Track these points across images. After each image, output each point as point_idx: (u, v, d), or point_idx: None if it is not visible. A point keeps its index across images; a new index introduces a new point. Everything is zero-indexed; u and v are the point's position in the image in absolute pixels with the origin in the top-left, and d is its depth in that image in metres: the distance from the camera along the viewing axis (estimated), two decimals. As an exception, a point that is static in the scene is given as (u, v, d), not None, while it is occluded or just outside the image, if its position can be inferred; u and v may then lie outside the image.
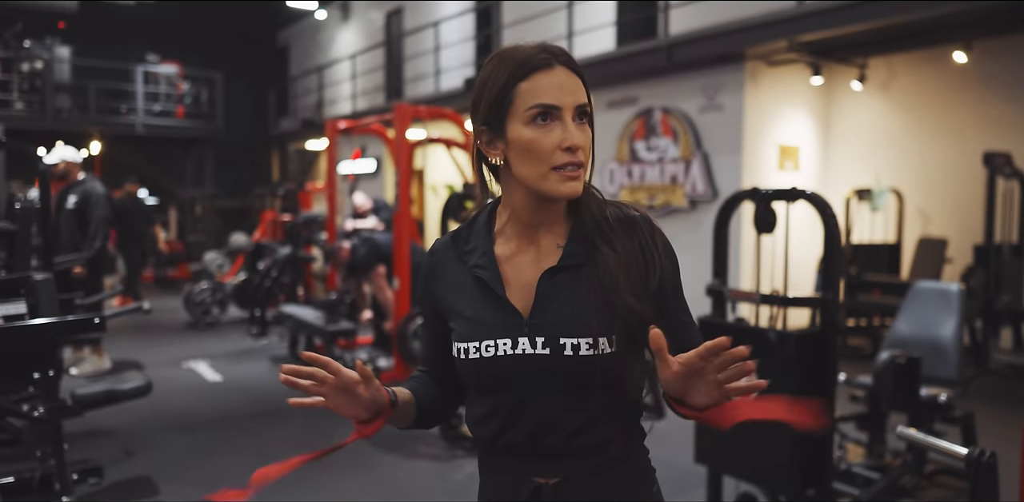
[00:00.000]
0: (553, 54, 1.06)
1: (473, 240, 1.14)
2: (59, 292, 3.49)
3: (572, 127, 1.04)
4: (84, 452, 3.74)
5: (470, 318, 1.09)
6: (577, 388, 1.04)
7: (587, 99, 1.07)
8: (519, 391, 1.07)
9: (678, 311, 1.11)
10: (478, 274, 1.10)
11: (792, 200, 2.79)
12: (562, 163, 1.03)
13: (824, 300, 2.67)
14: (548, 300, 1.06)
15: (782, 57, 6.62)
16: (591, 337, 1.03)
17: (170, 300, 9.03)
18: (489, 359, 1.06)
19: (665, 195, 7.27)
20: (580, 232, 1.09)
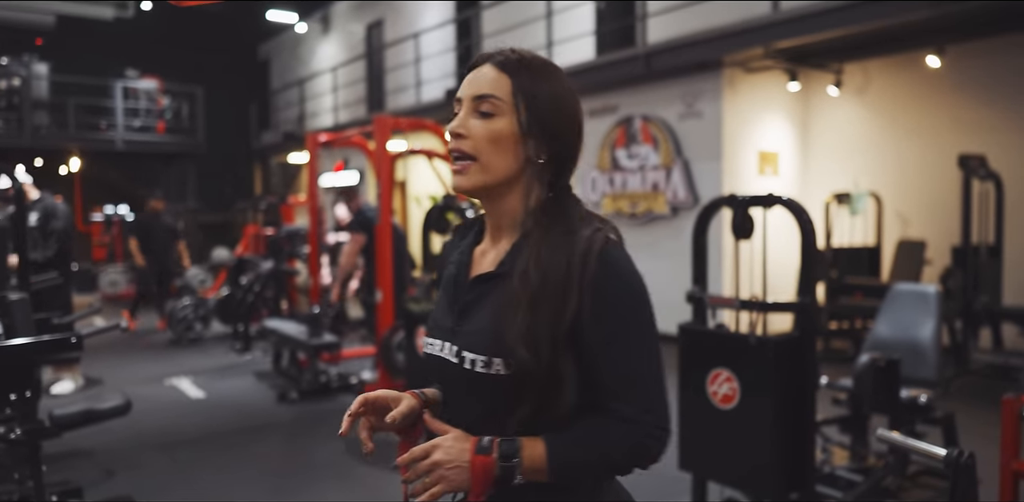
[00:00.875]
0: (490, 54, 1.07)
1: (467, 236, 1.16)
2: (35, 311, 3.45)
3: (462, 115, 1.05)
4: (63, 473, 3.68)
5: (432, 314, 1.15)
6: (486, 403, 1.03)
7: (500, 92, 1.03)
8: (448, 393, 1.11)
9: (603, 356, 0.99)
10: (448, 271, 1.13)
11: (769, 206, 2.81)
12: (450, 151, 1.06)
13: (802, 305, 2.68)
14: (471, 308, 1.06)
15: (759, 64, 6.68)
16: (487, 356, 1.00)
17: (151, 317, 8.94)
18: (430, 357, 1.10)
19: (647, 202, 7.30)
20: (523, 241, 1.05)
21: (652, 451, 1.02)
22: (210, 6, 14.42)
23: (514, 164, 1.04)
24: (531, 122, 1.03)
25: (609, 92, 7.74)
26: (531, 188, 1.06)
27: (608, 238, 1.02)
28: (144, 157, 13.64)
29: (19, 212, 3.88)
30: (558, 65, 1.10)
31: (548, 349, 0.97)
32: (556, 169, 1.07)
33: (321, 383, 5.27)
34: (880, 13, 5.35)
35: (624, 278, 1.00)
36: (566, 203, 1.07)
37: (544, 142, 1.04)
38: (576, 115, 1.08)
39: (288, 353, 5.74)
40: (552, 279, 0.98)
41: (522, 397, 0.98)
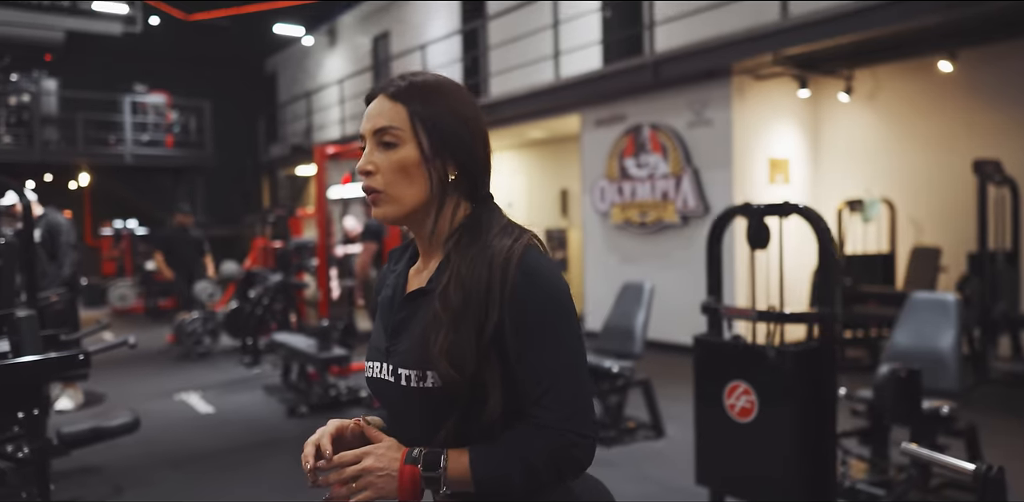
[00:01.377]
0: (382, 85, 1.10)
1: (402, 259, 1.19)
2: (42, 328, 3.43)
3: (367, 152, 1.08)
4: (72, 491, 3.65)
5: (370, 338, 1.17)
6: (426, 416, 1.05)
7: (397, 122, 1.06)
8: (389, 411, 1.13)
9: (523, 364, 1.00)
10: (384, 293, 1.16)
11: (785, 215, 2.76)
12: (363, 188, 1.09)
13: (822, 315, 2.63)
14: (403, 326, 1.09)
15: (768, 71, 6.65)
16: (420, 369, 1.02)
17: (161, 330, 8.93)
18: (369, 380, 1.13)
19: (656, 211, 7.25)
20: (449, 257, 1.07)
21: (576, 458, 1.01)
22: (217, 20, 14.53)
23: (425, 188, 1.06)
24: (432, 144, 1.05)
25: (617, 101, 7.71)
26: (449, 205, 1.08)
27: (527, 247, 1.03)
28: (153, 171, 13.70)
29: (27, 229, 3.87)
30: (453, 80, 1.12)
31: (471, 362, 0.99)
32: (470, 182, 1.09)
33: (331, 397, 5.22)
34: (890, 18, 5.31)
35: (542, 286, 1.01)
36: (486, 215, 1.09)
37: (451, 159, 1.06)
38: (478, 127, 1.09)
39: (297, 367, 5.70)
40: (473, 294, 1.00)
41: (450, 409, 1.01)
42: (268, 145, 15.96)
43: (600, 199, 7.89)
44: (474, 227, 1.07)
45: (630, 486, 3.53)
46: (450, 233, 1.08)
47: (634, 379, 4.25)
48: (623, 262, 7.70)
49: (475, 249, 1.04)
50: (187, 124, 13.73)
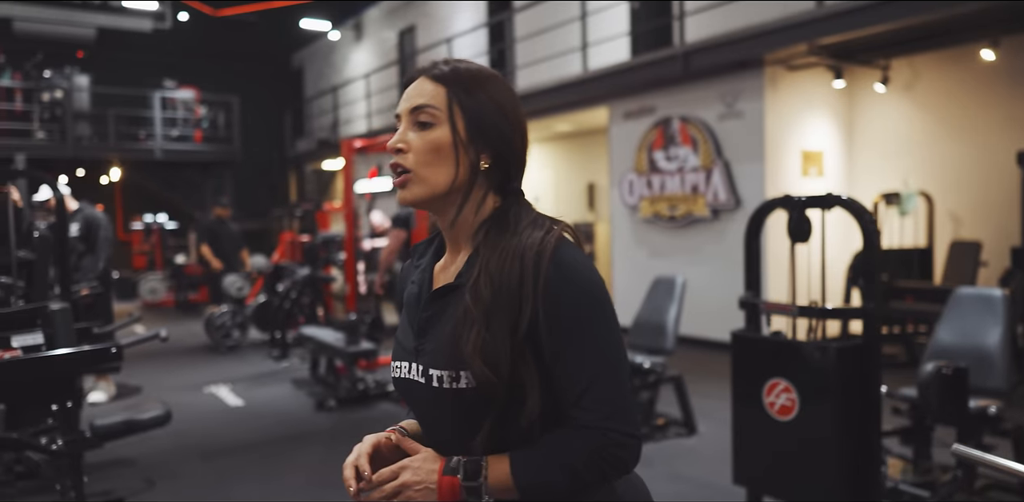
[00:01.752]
0: (424, 67, 1.07)
1: (426, 254, 1.14)
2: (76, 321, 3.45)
3: (400, 130, 1.05)
4: (105, 483, 3.67)
5: (396, 336, 1.12)
6: (459, 418, 1.00)
7: (435, 102, 1.03)
8: (418, 413, 1.09)
9: (560, 363, 0.96)
10: (409, 290, 1.12)
11: (828, 207, 2.67)
12: (391, 166, 1.05)
13: (866, 311, 2.54)
14: (431, 323, 1.04)
15: (802, 61, 6.50)
16: (453, 370, 0.98)
17: (191, 324, 9.01)
18: (396, 380, 1.09)
19: (686, 205, 7.14)
20: (478, 250, 1.03)
21: (621, 458, 0.98)
22: (245, 16, 14.61)
23: (455, 173, 1.02)
24: (469, 128, 1.02)
25: (645, 93, 7.60)
26: (479, 196, 1.05)
27: (560, 239, 0.99)
28: (182, 166, 13.83)
29: (60, 222, 3.90)
30: (497, 72, 1.09)
31: (506, 361, 0.95)
32: (502, 174, 1.06)
33: (359, 391, 5.22)
34: (929, 6, 5.15)
35: (577, 281, 0.97)
36: (516, 208, 1.05)
37: (485, 148, 1.03)
38: (517, 120, 1.06)
39: (325, 360, 5.71)
40: (504, 289, 0.96)
41: (486, 411, 0.97)
42: (295, 139, 16.04)
43: (628, 193, 7.79)
44: (503, 220, 1.03)
45: (664, 484, 3.47)
46: (478, 226, 1.04)
47: (666, 375, 4.18)
48: (652, 256, 7.61)
49: (505, 242, 1.00)
50: (215, 119, 13.84)
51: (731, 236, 6.59)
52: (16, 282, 3.98)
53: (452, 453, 1.01)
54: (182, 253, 12.90)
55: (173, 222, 13.58)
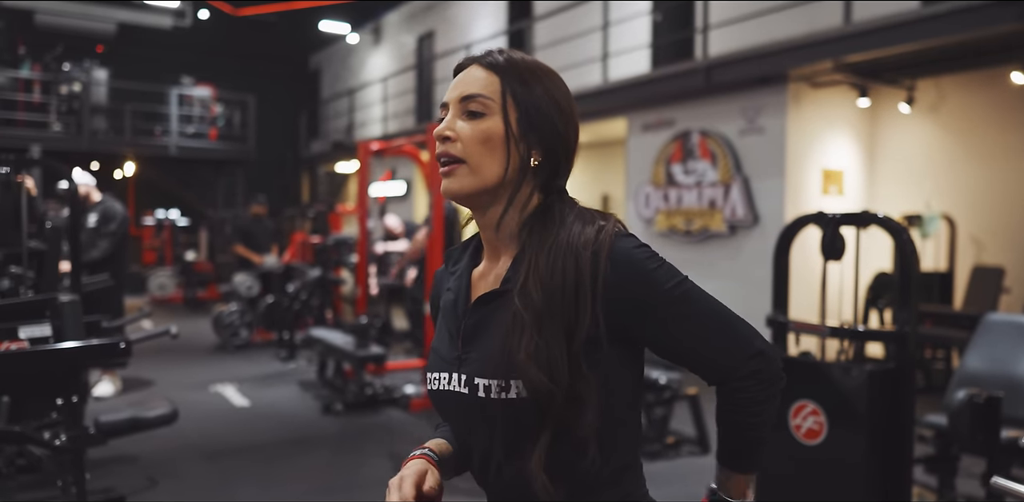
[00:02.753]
0: (476, 56, 1.02)
1: (461, 260, 1.08)
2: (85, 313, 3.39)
3: (449, 118, 0.99)
4: (106, 480, 3.60)
5: (432, 346, 1.07)
6: (509, 431, 0.94)
7: (488, 91, 0.97)
8: (459, 426, 1.03)
9: (681, 340, 0.95)
10: (446, 298, 1.05)
11: (863, 225, 2.60)
12: (437, 155, 0.99)
13: (901, 334, 2.46)
14: (476, 331, 0.99)
15: (827, 78, 6.43)
16: (503, 379, 0.92)
17: (199, 321, 8.96)
18: (434, 392, 1.03)
19: (703, 220, 7.07)
20: (523, 252, 0.97)
21: (776, 379, 0.97)
22: (265, 16, 14.65)
23: (505, 166, 0.97)
24: (522, 122, 0.97)
25: (665, 106, 7.54)
26: (525, 193, 1.00)
27: (613, 236, 0.94)
28: (196, 163, 13.83)
29: (74, 214, 3.85)
30: (552, 68, 1.05)
31: (563, 368, 0.90)
32: (550, 173, 1.00)
33: (367, 396, 5.14)
34: (959, 27, 5.08)
35: (640, 266, 0.93)
36: (560, 204, 1.00)
37: (537, 143, 0.98)
38: (572, 116, 1.03)
39: (333, 363, 5.64)
40: (558, 292, 0.91)
41: (543, 422, 0.91)
42: (309, 141, 16.05)
43: (645, 205, 7.72)
44: (547, 217, 0.98)
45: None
46: (522, 225, 0.98)
47: (681, 392, 4.10)
48: (665, 270, 7.52)
49: (552, 239, 0.95)
50: (231, 117, 13.85)
51: (747, 253, 6.50)
52: (26, 272, 3.93)
53: (499, 468, 0.96)
54: (192, 250, 12.87)
55: (185, 218, 13.56)
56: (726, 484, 1.03)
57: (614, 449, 0.96)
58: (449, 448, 1.07)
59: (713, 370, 0.96)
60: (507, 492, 0.98)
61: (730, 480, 1.03)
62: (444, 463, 1.03)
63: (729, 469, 1.02)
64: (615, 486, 0.97)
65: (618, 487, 0.98)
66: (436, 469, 1.00)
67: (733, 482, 1.03)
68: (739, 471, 1.02)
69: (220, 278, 11.43)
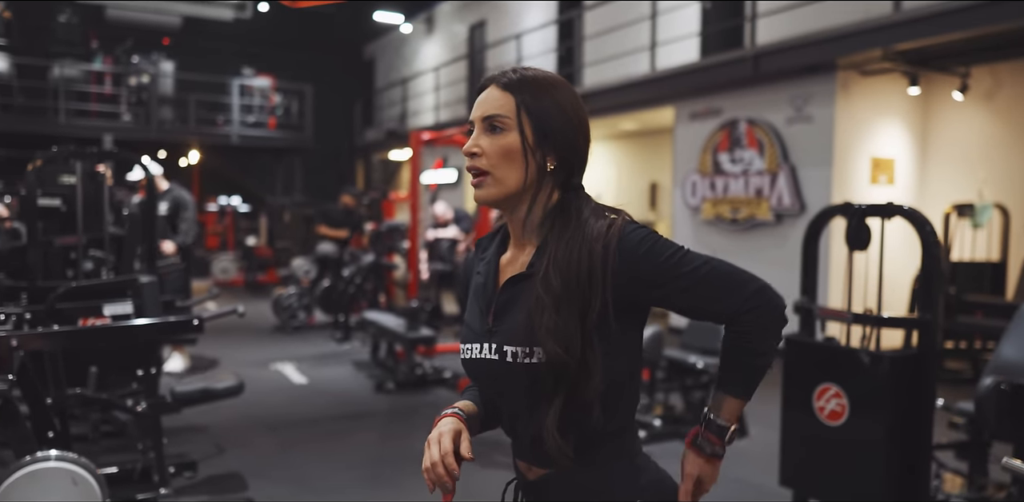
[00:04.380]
0: (494, 76, 1.18)
1: (489, 248, 1.24)
2: (160, 294, 3.69)
3: (474, 136, 1.15)
4: (180, 447, 3.92)
5: (465, 321, 1.24)
6: (530, 392, 1.11)
7: (505, 111, 1.13)
8: (491, 390, 1.21)
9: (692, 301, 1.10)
10: (476, 281, 1.22)
11: (888, 216, 2.69)
12: (468, 169, 1.15)
13: (923, 321, 2.55)
14: (506, 308, 1.15)
15: (877, 66, 6.38)
16: (527, 346, 1.09)
17: (259, 303, 9.39)
18: (467, 361, 1.19)
19: (749, 208, 7.10)
20: (546, 242, 1.14)
21: (774, 312, 1.12)
22: (321, 7, 15.00)
23: (525, 174, 1.13)
24: (536, 134, 1.12)
25: (713, 95, 7.57)
26: (544, 193, 1.15)
27: (621, 228, 1.10)
28: (256, 151, 14.32)
29: (149, 201, 4.16)
30: (562, 77, 1.19)
31: (576, 342, 1.06)
32: (566, 173, 1.16)
33: (417, 375, 5.40)
34: (1014, 12, 5.00)
35: (640, 246, 1.08)
36: (577, 201, 1.15)
37: (551, 150, 1.13)
38: (580, 123, 1.16)
39: (386, 345, 5.91)
40: (573, 280, 1.08)
41: (556, 387, 1.08)
42: (364, 129, 16.41)
43: (691, 194, 7.78)
44: (565, 212, 1.14)
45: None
46: (543, 219, 1.15)
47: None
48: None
49: (569, 234, 1.11)
50: (289, 107, 14.28)
51: (794, 241, 6.53)
52: (108, 256, 4.28)
53: (523, 421, 1.15)
54: (253, 235, 13.38)
55: (246, 205, 14.07)
56: (719, 407, 1.16)
57: (616, 410, 1.14)
58: (475, 409, 1.26)
59: (719, 315, 1.11)
60: (527, 444, 1.18)
61: (723, 403, 1.16)
62: (471, 421, 1.23)
63: (724, 393, 1.16)
64: (614, 442, 1.16)
65: (616, 443, 1.17)
66: (466, 427, 1.19)
67: (726, 405, 1.16)
68: (733, 395, 1.15)
69: (279, 262, 11.89)
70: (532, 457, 1.18)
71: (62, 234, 4.13)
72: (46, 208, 4.07)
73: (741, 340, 1.12)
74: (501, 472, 2.96)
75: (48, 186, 4.13)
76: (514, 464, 1.25)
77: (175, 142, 13.26)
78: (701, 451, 1.17)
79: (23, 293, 3.73)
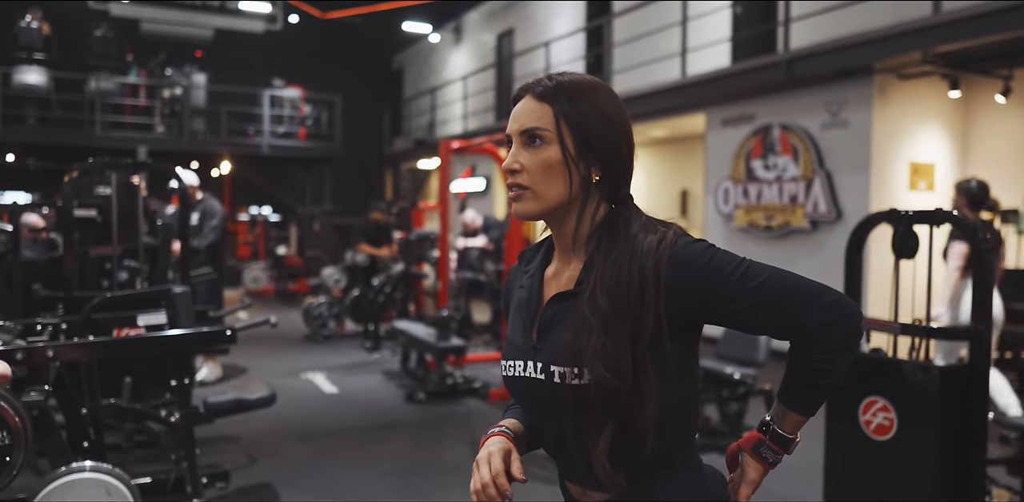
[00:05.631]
0: (528, 85, 1.11)
1: (533, 260, 1.19)
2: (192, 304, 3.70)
3: (513, 150, 1.09)
4: (212, 457, 3.93)
5: (507, 337, 1.18)
6: (579, 413, 1.04)
7: (543, 122, 1.07)
8: (535, 410, 1.14)
9: (759, 316, 1.02)
10: (519, 295, 1.17)
11: (937, 223, 2.59)
12: (508, 185, 1.09)
13: (976, 333, 2.45)
14: (552, 325, 1.09)
15: (915, 70, 6.24)
16: (576, 366, 1.02)
17: (289, 312, 9.44)
18: (510, 379, 1.13)
19: (784, 215, 6.98)
20: (593, 257, 1.07)
21: (851, 329, 1.02)
22: (351, 18, 15.16)
23: (568, 187, 1.07)
24: (577, 145, 1.06)
25: (745, 100, 7.46)
26: (591, 206, 1.09)
27: (672, 244, 1.03)
28: (286, 161, 14.46)
29: (183, 211, 4.19)
30: (600, 80, 1.12)
31: (628, 366, 1.00)
32: (612, 184, 1.10)
33: (447, 385, 5.36)
34: (1061, 13, 4.86)
35: (696, 261, 1.01)
36: (625, 214, 1.09)
37: (595, 161, 1.07)
38: (623, 129, 1.10)
39: (416, 354, 5.88)
40: (623, 298, 1.01)
41: (607, 413, 1.01)
42: (392, 138, 16.52)
43: (724, 201, 7.67)
44: (613, 227, 1.07)
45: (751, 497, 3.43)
46: (590, 234, 1.09)
47: (756, 387, 4.12)
48: (744, 266, 7.45)
49: (617, 250, 1.04)
50: (319, 117, 14.41)
51: (830, 249, 6.39)
52: (142, 266, 4.31)
53: (569, 445, 1.08)
54: (283, 244, 13.50)
55: (276, 215, 14.20)
56: (782, 419, 1.10)
57: (673, 435, 1.08)
58: (521, 427, 1.18)
59: (790, 332, 1.03)
60: (577, 467, 1.11)
61: (786, 417, 1.09)
62: (518, 440, 1.16)
63: (787, 408, 1.09)
64: (670, 466, 1.09)
65: (673, 466, 1.10)
66: (515, 447, 1.13)
67: (789, 419, 1.09)
68: (798, 412, 1.08)
69: (309, 272, 11.97)
70: (587, 481, 1.11)
71: (97, 244, 4.17)
72: (82, 219, 4.11)
73: (812, 359, 1.03)
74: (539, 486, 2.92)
75: (84, 197, 4.18)
76: (561, 486, 1.19)
77: (207, 153, 13.45)
78: (763, 459, 1.11)
79: (60, 303, 3.76)
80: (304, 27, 15.72)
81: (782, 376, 1.11)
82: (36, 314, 3.72)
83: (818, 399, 1.08)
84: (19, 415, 2.32)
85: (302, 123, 14.20)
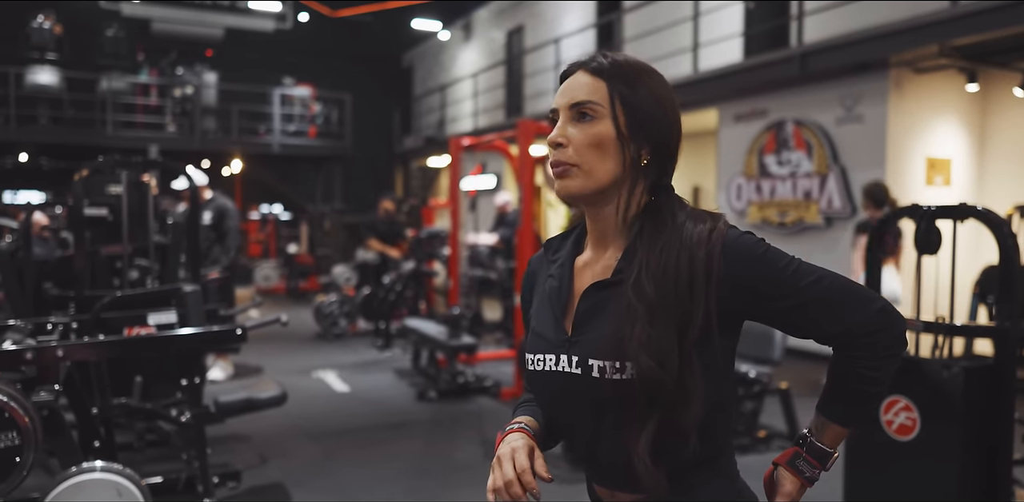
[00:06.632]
0: (582, 61, 1.07)
1: (562, 249, 1.13)
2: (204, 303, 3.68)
3: (559, 125, 1.04)
4: (223, 456, 3.91)
5: (534, 329, 1.11)
6: (617, 412, 0.99)
7: (597, 97, 1.02)
8: (563, 407, 1.06)
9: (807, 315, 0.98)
10: (548, 285, 1.10)
11: (960, 218, 2.53)
12: (550, 160, 1.04)
13: (1003, 330, 2.39)
14: (589, 317, 1.03)
15: (932, 63, 6.15)
16: (619, 360, 0.97)
17: (300, 311, 9.44)
18: (538, 373, 1.07)
19: (797, 211, 6.90)
20: (635, 245, 1.02)
21: (897, 337, 1.00)
22: (360, 16, 15.15)
23: (617, 167, 1.02)
24: (630, 124, 1.02)
25: (758, 95, 7.39)
26: (635, 190, 1.04)
27: (723, 235, 0.98)
28: (296, 160, 14.47)
29: (194, 211, 4.17)
30: (652, 66, 1.08)
31: (673, 359, 0.94)
32: (659, 169, 1.05)
33: (459, 384, 5.33)
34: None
35: (750, 253, 0.98)
36: (669, 203, 1.04)
37: (645, 142, 1.03)
38: (675, 113, 1.06)
39: (427, 352, 5.86)
40: (671, 288, 0.96)
41: (650, 408, 0.96)
42: (402, 136, 16.50)
43: (736, 197, 7.60)
44: (657, 215, 1.02)
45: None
46: (632, 221, 1.04)
47: (771, 386, 4.07)
48: (757, 263, 7.39)
49: (664, 239, 0.99)
50: (329, 115, 14.41)
51: (844, 244, 6.32)
52: (153, 265, 4.30)
53: (608, 444, 1.02)
54: (294, 243, 13.51)
55: (287, 213, 14.23)
56: (822, 431, 1.05)
57: (714, 434, 1.02)
58: (537, 425, 1.12)
59: (834, 337, 0.99)
60: (610, 469, 1.05)
61: (826, 429, 1.05)
62: (537, 437, 1.10)
63: (828, 419, 1.05)
64: (711, 469, 1.04)
65: (713, 470, 1.05)
66: (537, 445, 1.07)
67: (829, 431, 1.05)
68: (839, 423, 1.04)
69: (320, 270, 11.97)
70: (619, 482, 1.05)
71: (108, 243, 4.16)
72: (93, 217, 4.09)
73: (858, 366, 1.00)
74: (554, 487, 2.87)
75: (95, 196, 4.16)
76: (589, 488, 1.13)
77: (218, 152, 13.48)
78: (799, 473, 1.06)
79: (70, 302, 3.75)
80: (314, 25, 15.73)
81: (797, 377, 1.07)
82: (47, 313, 3.71)
83: (861, 408, 1.05)
84: (29, 415, 2.31)
85: (312, 121, 14.20)
